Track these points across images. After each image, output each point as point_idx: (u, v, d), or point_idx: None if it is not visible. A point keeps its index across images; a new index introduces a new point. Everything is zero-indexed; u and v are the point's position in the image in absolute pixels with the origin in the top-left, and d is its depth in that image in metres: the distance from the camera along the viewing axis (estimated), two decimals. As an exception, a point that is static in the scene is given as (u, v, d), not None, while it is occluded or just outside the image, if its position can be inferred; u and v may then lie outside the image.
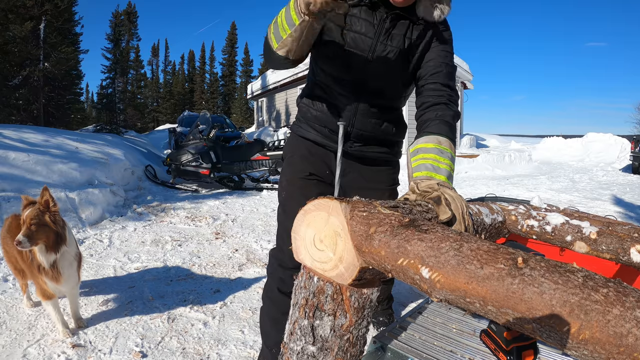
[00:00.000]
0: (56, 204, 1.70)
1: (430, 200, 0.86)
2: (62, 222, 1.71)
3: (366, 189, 1.42)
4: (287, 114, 15.87)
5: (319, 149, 1.42)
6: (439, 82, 1.21)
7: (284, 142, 6.40)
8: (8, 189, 3.62)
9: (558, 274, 0.45)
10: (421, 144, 1.08)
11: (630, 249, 1.03)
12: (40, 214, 1.64)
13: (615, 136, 13.37)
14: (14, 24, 12.02)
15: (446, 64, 1.23)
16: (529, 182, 7.75)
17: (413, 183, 0.95)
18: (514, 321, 0.46)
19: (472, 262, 0.49)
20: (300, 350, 0.69)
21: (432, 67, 1.23)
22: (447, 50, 1.25)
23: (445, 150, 1.05)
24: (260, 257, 3.04)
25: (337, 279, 0.65)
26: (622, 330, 0.40)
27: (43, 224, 1.63)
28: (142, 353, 1.71)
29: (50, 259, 1.68)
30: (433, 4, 1.18)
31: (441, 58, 1.23)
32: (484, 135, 21.93)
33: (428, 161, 1.02)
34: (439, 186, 0.90)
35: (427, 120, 1.15)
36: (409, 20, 1.21)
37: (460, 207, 0.85)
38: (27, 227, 1.60)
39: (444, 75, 1.22)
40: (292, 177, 1.43)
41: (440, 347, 1.17)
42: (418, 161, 1.04)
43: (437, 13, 1.18)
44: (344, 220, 0.63)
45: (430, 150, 1.05)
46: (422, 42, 1.23)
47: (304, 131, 1.43)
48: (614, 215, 3.36)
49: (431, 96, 1.19)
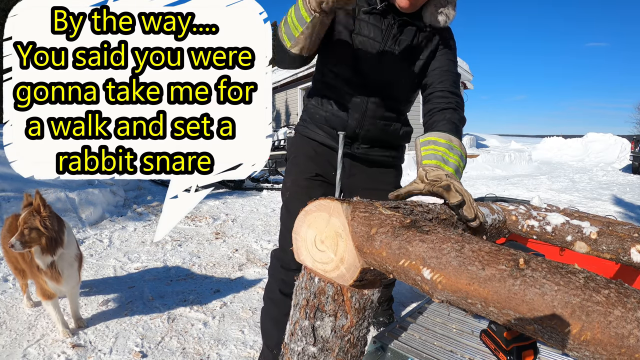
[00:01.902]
0: (47, 208, 1.68)
1: (439, 188, 0.88)
2: (57, 226, 1.69)
3: (372, 190, 1.44)
4: (287, 114, 15.87)
5: (325, 149, 1.43)
6: (446, 89, 1.25)
7: (284, 142, 6.40)
8: (8, 189, 3.62)
9: (560, 275, 0.45)
10: (434, 136, 1.10)
11: (630, 249, 1.03)
12: (33, 218, 1.64)
13: (615, 136, 13.38)
14: (14, 24, 12.01)
15: (452, 72, 1.29)
16: (529, 182, 7.75)
17: (422, 170, 0.96)
18: (516, 322, 0.46)
19: (474, 263, 0.49)
20: (301, 351, 0.69)
21: (438, 75, 1.28)
22: (451, 58, 1.31)
23: (456, 148, 1.08)
24: (260, 257, 3.04)
25: (338, 280, 0.65)
26: (623, 331, 0.40)
27: (35, 228, 1.63)
28: (142, 353, 1.71)
29: (47, 261, 1.68)
30: (438, 9, 1.22)
31: (447, 66, 1.29)
32: (484, 135, 21.94)
33: (439, 152, 1.05)
34: (448, 177, 0.91)
35: (437, 121, 1.19)
36: (416, 26, 1.25)
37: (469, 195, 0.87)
38: (21, 230, 1.61)
39: (450, 83, 1.27)
40: (297, 177, 1.44)
41: (440, 347, 1.17)
42: (429, 151, 1.06)
43: (442, 18, 1.23)
44: (345, 221, 0.63)
45: (441, 144, 1.07)
46: (428, 49, 1.28)
47: (310, 132, 1.44)
48: (614, 215, 3.36)
49: (439, 103, 1.24)
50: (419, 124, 1.40)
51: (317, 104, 1.41)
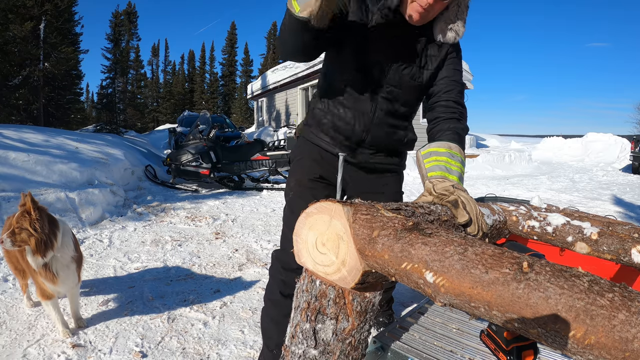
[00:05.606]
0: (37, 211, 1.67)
1: (447, 203, 0.92)
2: (47, 229, 1.68)
3: (374, 193, 1.46)
4: (287, 114, 15.85)
5: (329, 155, 1.44)
6: (451, 99, 1.29)
7: (284, 142, 6.39)
8: (8, 189, 3.62)
9: (564, 279, 0.44)
10: (434, 147, 1.15)
11: (631, 249, 1.03)
12: (24, 219, 1.64)
13: (615, 136, 13.37)
14: (14, 24, 12.00)
15: (458, 82, 1.33)
16: (529, 182, 7.75)
17: (429, 183, 1.01)
18: (519, 326, 0.46)
19: (477, 267, 0.49)
20: (302, 353, 0.68)
21: (445, 85, 1.31)
22: (458, 68, 1.34)
23: (456, 155, 1.13)
24: (260, 257, 3.04)
25: (340, 283, 0.65)
26: (627, 335, 0.40)
27: (25, 229, 1.64)
28: (142, 353, 1.71)
29: (39, 262, 1.68)
30: (447, 25, 1.25)
31: (454, 76, 1.32)
32: (484, 135, 21.94)
33: (441, 162, 1.09)
34: (454, 188, 0.95)
35: (439, 131, 1.24)
36: (426, 37, 1.28)
37: (475, 208, 0.92)
38: (12, 229, 1.63)
39: (456, 93, 1.31)
40: (301, 178, 1.44)
41: (440, 347, 1.17)
42: (432, 162, 1.10)
43: (451, 35, 1.25)
44: (347, 224, 0.63)
45: (442, 154, 1.12)
46: (437, 59, 1.31)
47: (316, 137, 1.45)
48: (614, 215, 3.36)
49: (444, 112, 1.28)
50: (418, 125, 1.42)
51: (323, 109, 1.42)
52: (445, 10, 1.23)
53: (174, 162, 6.07)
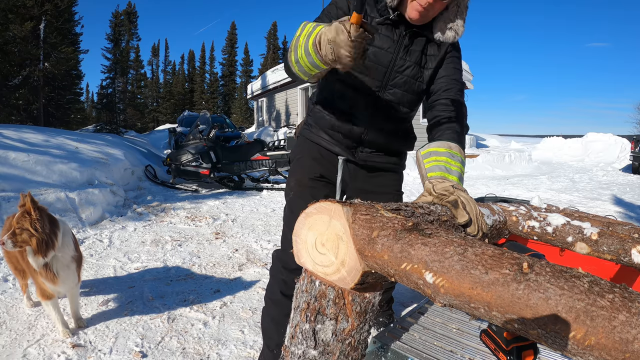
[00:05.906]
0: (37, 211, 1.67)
1: (447, 204, 0.92)
2: (48, 229, 1.68)
3: (374, 194, 1.46)
4: (287, 113, 15.85)
5: (329, 153, 1.44)
6: (450, 97, 1.29)
7: (284, 142, 6.39)
8: (8, 189, 3.61)
9: (564, 280, 0.44)
10: (433, 147, 1.15)
11: (631, 249, 1.03)
12: (24, 220, 1.64)
13: (615, 136, 13.36)
14: (14, 24, 11.99)
15: (458, 81, 1.33)
16: (529, 182, 7.75)
17: (429, 183, 1.01)
18: (519, 327, 0.46)
19: (477, 267, 0.49)
20: (302, 354, 0.68)
21: (444, 84, 1.32)
22: (458, 67, 1.34)
23: (456, 155, 1.13)
24: (260, 257, 3.04)
25: (339, 283, 0.65)
26: (628, 336, 0.39)
27: (26, 229, 1.63)
28: (142, 353, 1.71)
29: (39, 262, 1.68)
30: (447, 24, 1.25)
31: (453, 75, 1.33)
32: (484, 135, 21.94)
33: (441, 163, 1.09)
34: (454, 189, 0.95)
35: (439, 130, 1.24)
36: (425, 37, 1.29)
37: (475, 208, 0.92)
38: (13, 230, 1.63)
39: (455, 92, 1.31)
40: (301, 178, 1.45)
41: (440, 347, 1.16)
42: (431, 163, 1.10)
43: (451, 34, 1.25)
44: (346, 224, 0.63)
45: (442, 154, 1.12)
46: (436, 59, 1.32)
47: (315, 136, 1.45)
48: (614, 215, 3.36)
49: (443, 110, 1.28)
50: (418, 125, 1.42)
51: (323, 109, 1.43)
52: (444, 10, 1.24)
53: (174, 162, 6.07)
